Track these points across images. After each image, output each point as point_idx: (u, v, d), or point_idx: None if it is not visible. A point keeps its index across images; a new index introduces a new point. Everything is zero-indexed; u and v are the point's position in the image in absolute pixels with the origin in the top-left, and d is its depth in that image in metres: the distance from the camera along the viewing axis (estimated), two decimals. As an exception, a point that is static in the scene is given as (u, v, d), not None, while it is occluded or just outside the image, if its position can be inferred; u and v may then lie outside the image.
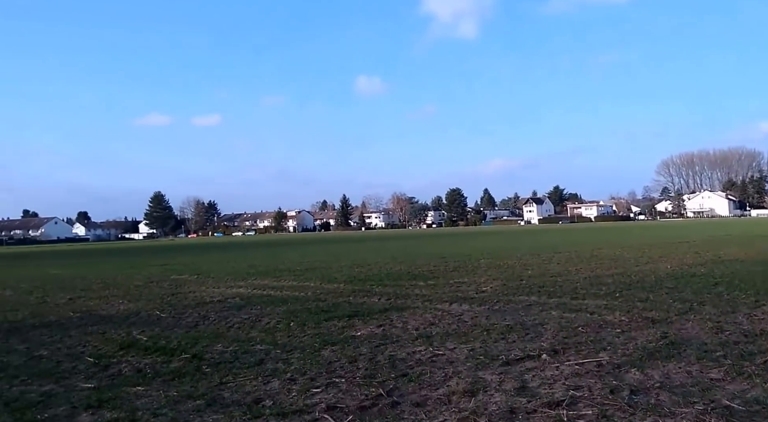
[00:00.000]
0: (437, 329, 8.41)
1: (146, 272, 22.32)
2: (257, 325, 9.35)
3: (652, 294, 10.99)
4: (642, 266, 17.06)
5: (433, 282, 14.43)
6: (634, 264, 17.63)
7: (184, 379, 6.20)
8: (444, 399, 5.18)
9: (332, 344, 7.64)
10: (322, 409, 5.03)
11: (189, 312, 11.07)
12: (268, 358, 7.01)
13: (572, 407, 4.88)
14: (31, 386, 6.21)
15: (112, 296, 14.47)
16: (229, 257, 33.33)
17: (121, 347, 8.01)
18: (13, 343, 8.74)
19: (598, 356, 6.49)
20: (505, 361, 6.40)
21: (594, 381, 5.59)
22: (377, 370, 6.24)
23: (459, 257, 23.69)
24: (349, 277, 16.78)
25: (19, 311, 12.35)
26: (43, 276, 22.90)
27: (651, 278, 13.59)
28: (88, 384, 6.15)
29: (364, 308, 10.61)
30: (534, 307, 10.04)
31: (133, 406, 5.32)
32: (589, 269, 16.47)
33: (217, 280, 17.58)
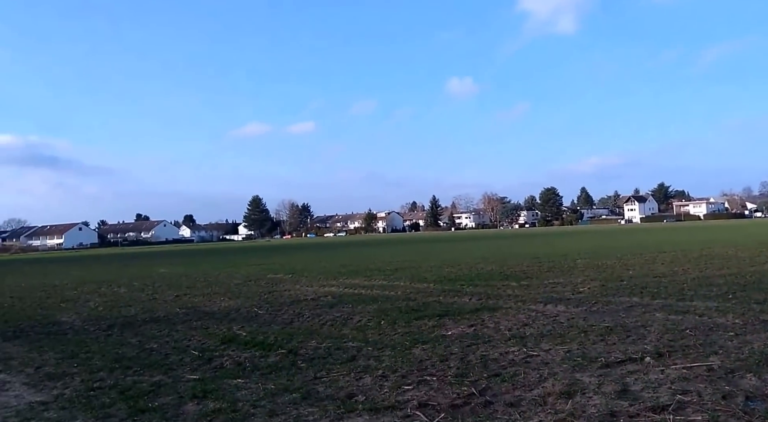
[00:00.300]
0: (531, 330, 8.21)
1: (245, 272, 23.38)
2: (349, 323, 9.54)
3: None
4: (759, 266, 15.81)
5: (527, 283, 14.11)
6: (750, 264, 16.37)
7: (281, 373, 6.45)
8: (539, 400, 5.05)
9: (423, 342, 7.66)
10: (414, 406, 5.05)
11: (284, 309, 11.48)
12: (360, 355, 7.14)
13: (679, 412, 4.60)
14: (143, 376, 6.69)
15: (214, 293, 15.29)
16: (322, 257, 34.22)
17: (222, 341, 8.45)
18: (127, 336, 9.45)
19: (708, 360, 6.08)
20: (605, 363, 6.14)
21: (704, 385, 5.24)
22: (469, 369, 6.19)
23: (554, 258, 23.00)
24: (439, 277, 16.75)
25: (132, 307, 13.34)
26: (153, 275, 24.57)
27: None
28: (194, 376, 6.54)
29: (454, 307, 10.56)
30: (636, 308, 9.56)
31: (234, 397, 5.60)
32: (698, 270, 15.47)
33: (311, 279, 18.12)
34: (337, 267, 23.43)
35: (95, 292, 17.72)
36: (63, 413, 5.43)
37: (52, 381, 6.70)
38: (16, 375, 7.15)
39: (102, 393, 6.04)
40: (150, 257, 50.29)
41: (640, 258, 20.63)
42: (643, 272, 15.58)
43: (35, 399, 5.98)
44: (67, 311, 13.28)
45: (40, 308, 14.25)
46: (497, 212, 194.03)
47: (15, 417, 5.40)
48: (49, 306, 14.48)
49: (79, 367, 7.31)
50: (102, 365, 7.36)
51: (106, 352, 8.18)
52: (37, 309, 13.96)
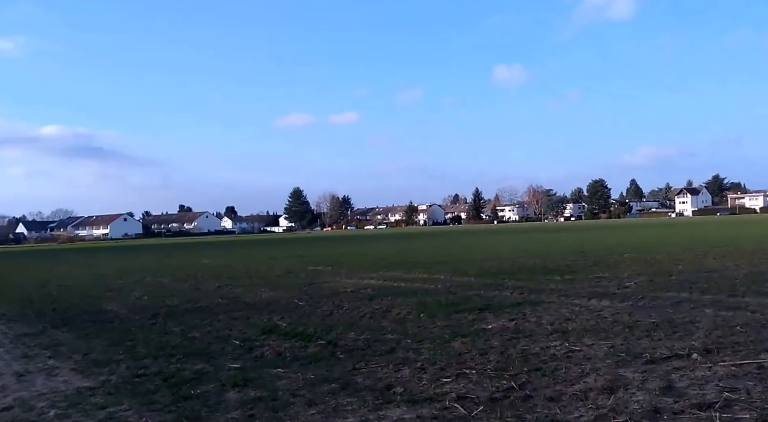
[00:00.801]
0: (574, 324, 8.13)
1: (285, 263, 23.77)
2: (388, 315, 9.63)
3: (830, 293, 9.83)
4: (819, 261, 15.22)
5: (570, 277, 13.93)
6: (809, 260, 15.76)
7: (320, 363, 6.58)
8: (580, 395, 5.02)
9: (462, 336, 7.67)
10: (453, 398, 5.09)
11: (324, 301, 11.65)
12: (398, 347, 7.21)
13: (726, 409, 4.51)
14: (186, 364, 6.91)
15: (255, 284, 15.62)
16: (362, 249, 34.47)
17: (263, 331, 8.66)
18: (170, 325, 9.76)
19: (758, 357, 5.92)
20: (650, 359, 6.05)
21: (753, 383, 5.12)
22: (509, 363, 6.18)
23: (600, 252, 22.61)
24: (480, 270, 16.69)
25: (175, 297, 13.75)
26: (195, 265, 25.22)
27: (829, 276, 12.11)
28: (235, 365, 6.72)
29: (495, 301, 10.52)
30: (684, 304, 9.35)
31: (274, 386, 5.75)
32: (752, 265, 14.97)
33: (350, 271, 18.29)
34: (377, 260, 23.58)
35: (140, 282, 18.33)
36: (109, 398, 5.66)
37: (98, 367, 6.99)
38: (64, 361, 7.48)
39: (147, 379, 6.28)
40: (192, 248, 51.55)
41: (690, 253, 20.09)
42: (693, 267, 15.18)
43: (83, 384, 6.26)
44: (113, 300, 13.79)
45: (87, 297, 14.84)
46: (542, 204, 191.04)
47: (64, 401, 5.65)
48: (95, 295, 15.06)
49: (125, 354, 7.61)
50: (146, 353, 7.64)
51: (151, 340, 8.48)
52: (85, 298, 14.54)
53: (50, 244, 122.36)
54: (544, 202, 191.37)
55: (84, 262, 34.46)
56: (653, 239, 31.55)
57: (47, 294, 16.01)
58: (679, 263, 16.21)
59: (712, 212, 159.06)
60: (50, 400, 5.72)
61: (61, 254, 53.82)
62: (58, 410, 5.39)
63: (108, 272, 24.00)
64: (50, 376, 6.72)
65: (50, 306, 13.20)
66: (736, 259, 16.84)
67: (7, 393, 6.10)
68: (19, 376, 6.78)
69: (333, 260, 24.76)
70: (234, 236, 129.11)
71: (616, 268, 15.66)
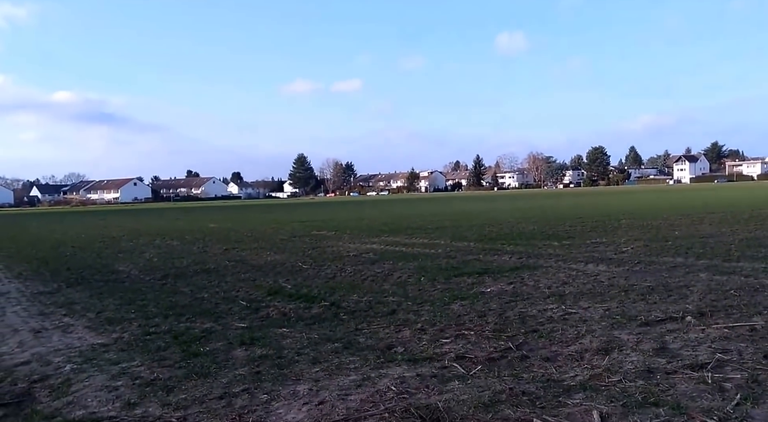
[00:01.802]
0: (571, 288, 8.17)
1: (290, 228, 23.84)
2: (389, 278, 9.68)
3: (823, 259, 9.83)
4: (812, 229, 15.19)
5: (568, 242, 13.94)
6: (803, 227, 15.72)
7: (324, 324, 6.64)
8: (576, 356, 5.06)
9: (462, 299, 7.72)
10: (452, 358, 5.15)
11: (328, 264, 11.71)
12: (399, 309, 7.27)
13: (718, 370, 4.56)
14: (195, 323, 7.00)
15: (261, 248, 15.69)
16: (364, 215, 34.49)
17: (269, 293, 8.73)
18: (180, 286, 9.85)
19: (751, 320, 5.96)
20: (644, 322, 6.08)
21: (745, 345, 5.16)
22: (507, 325, 6.23)
23: (597, 218, 22.58)
24: (479, 236, 16.71)
25: (184, 259, 13.84)
26: (203, 229, 25.32)
27: (822, 242, 12.09)
28: (242, 324, 6.80)
29: (494, 266, 10.56)
30: (679, 269, 9.37)
31: (279, 345, 5.82)
32: (747, 231, 14.95)
33: (353, 236, 18.35)
34: (379, 225, 23.61)
35: (150, 244, 18.44)
36: (122, 354, 5.76)
37: (111, 325, 7.08)
38: (78, 319, 7.58)
39: (157, 337, 6.37)
40: (200, 212, 51.66)
41: (686, 219, 20.05)
42: (689, 232, 15.17)
43: (96, 341, 6.35)
44: (125, 261, 13.90)
45: (99, 258, 14.96)
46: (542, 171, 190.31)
47: (79, 357, 5.75)
48: (107, 256, 15.18)
49: (136, 313, 7.70)
50: (157, 311, 7.73)
51: (161, 300, 8.57)
52: (97, 259, 14.66)
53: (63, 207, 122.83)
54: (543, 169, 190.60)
55: (96, 224, 34.60)
56: (650, 206, 31.47)
57: (61, 255, 16.15)
58: (675, 229, 16.19)
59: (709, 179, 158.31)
60: (66, 355, 5.82)
61: (74, 216, 54.04)
62: (74, 365, 5.49)
63: (119, 234, 24.12)
64: (65, 333, 6.82)
65: (64, 266, 13.32)
66: (731, 225, 16.80)
67: (25, 348, 6.22)
68: (36, 333, 6.89)
69: (336, 225, 24.81)
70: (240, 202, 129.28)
71: (614, 234, 15.66)
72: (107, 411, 4.29)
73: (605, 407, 3.92)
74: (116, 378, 5.02)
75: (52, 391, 4.79)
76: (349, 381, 4.68)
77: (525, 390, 4.30)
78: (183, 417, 4.09)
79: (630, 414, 3.81)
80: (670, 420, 3.69)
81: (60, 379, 5.09)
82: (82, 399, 4.57)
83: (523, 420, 3.75)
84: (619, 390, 4.21)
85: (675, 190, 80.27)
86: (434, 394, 4.31)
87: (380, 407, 4.08)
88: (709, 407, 3.86)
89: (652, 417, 3.73)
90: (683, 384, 4.31)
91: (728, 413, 3.75)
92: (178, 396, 4.50)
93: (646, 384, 4.31)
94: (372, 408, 4.07)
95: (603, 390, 4.25)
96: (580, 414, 3.85)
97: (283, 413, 4.10)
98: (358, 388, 4.51)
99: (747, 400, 3.93)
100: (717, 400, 3.97)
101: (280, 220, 31.50)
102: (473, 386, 4.44)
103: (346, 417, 3.94)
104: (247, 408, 4.20)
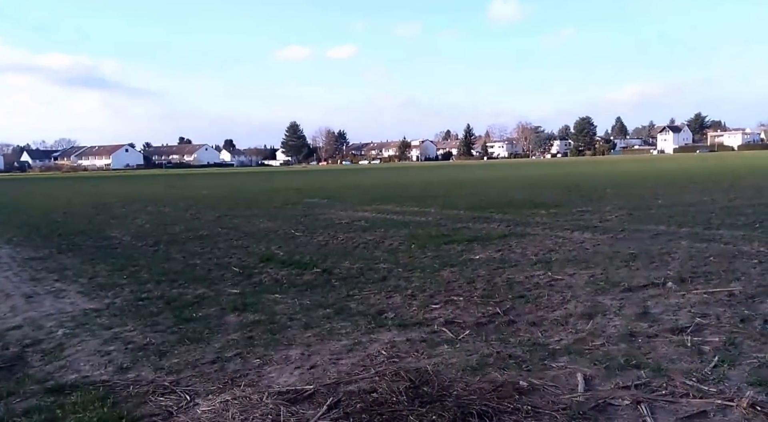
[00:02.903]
0: (557, 255, 8.22)
1: (283, 196, 23.73)
2: (381, 246, 9.68)
3: (800, 227, 9.95)
4: (791, 198, 15.34)
5: (555, 211, 13.99)
6: (782, 196, 15.87)
7: (316, 290, 6.64)
8: (561, 321, 5.11)
9: (451, 265, 7.75)
10: (441, 323, 5.18)
11: (320, 232, 11.69)
12: (390, 276, 7.28)
13: (697, 333, 4.63)
14: (187, 289, 6.97)
15: (254, 215, 15.61)
16: (356, 183, 34.38)
17: (261, 260, 8.70)
18: (172, 252, 9.79)
19: (729, 286, 6.05)
20: (627, 288, 6.15)
21: (723, 309, 5.25)
22: (494, 291, 6.26)
23: (583, 187, 22.66)
24: (469, 204, 16.72)
25: (176, 225, 13.75)
26: (195, 196, 25.14)
27: (801, 211, 12.23)
28: (234, 290, 6.78)
29: (483, 233, 10.58)
30: (662, 236, 9.45)
31: (272, 310, 5.82)
32: (727, 200, 15.09)
33: (345, 204, 18.30)
34: (371, 193, 23.56)
35: (142, 211, 18.26)
36: (114, 319, 5.73)
37: (103, 290, 7.04)
38: (70, 284, 7.52)
39: (150, 302, 6.33)
40: (192, 179, 51.26)
41: (669, 188, 20.17)
42: (671, 201, 15.27)
43: (89, 306, 6.31)
44: (117, 227, 13.77)
45: (91, 224, 14.81)
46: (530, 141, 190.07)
47: (71, 322, 5.71)
48: (99, 222, 15.03)
49: (129, 279, 7.65)
50: (149, 277, 7.68)
51: (153, 266, 8.52)
52: (89, 225, 14.51)
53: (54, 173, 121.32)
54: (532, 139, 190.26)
55: (87, 191, 34.25)
56: (635, 175, 31.61)
57: (53, 221, 15.95)
58: (658, 198, 16.29)
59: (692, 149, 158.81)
60: (58, 320, 5.79)
61: (65, 182, 53.43)
62: (66, 329, 5.46)
63: (111, 200, 23.88)
64: (57, 298, 6.77)
65: (56, 232, 13.19)
66: (712, 194, 16.94)
67: (17, 313, 6.17)
68: (27, 298, 6.84)
69: (328, 193, 24.72)
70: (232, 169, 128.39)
71: (599, 202, 15.72)
72: (100, 375, 4.27)
73: (589, 369, 3.98)
74: (109, 343, 5.00)
75: (45, 355, 4.76)
76: (341, 345, 4.70)
77: (512, 353, 4.34)
78: (176, 381, 4.08)
79: (612, 376, 3.87)
80: (651, 381, 3.75)
81: (52, 344, 5.06)
82: (75, 364, 4.55)
83: (509, 382, 3.78)
84: (602, 354, 4.27)
85: (658, 160, 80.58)
86: (424, 358, 4.34)
87: (371, 371, 4.11)
88: (689, 369, 3.93)
89: (634, 379, 3.78)
90: (664, 347, 4.38)
91: (706, 374, 3.82)
92: (170, 361, 4.50)
93: (628, 348, 4.37)
94: (363, 372, 4.10)
95: (587, 353, 4.30)
96: (565, 376, 3.90)
97: (275, 377, 4.11)
98: (349, 353, 4.53)
99: (724, 362, 4.01)
100: (696, 362, 4.05)
101: (273, 188, 31.35)
102: (461, 350, 4.47)
103: (337, 380, 3.96)
104: (239, 372, 4.20)
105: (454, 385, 3.77)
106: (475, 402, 3.49)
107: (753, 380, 3.71)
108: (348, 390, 3.77)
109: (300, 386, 3.88)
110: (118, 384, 4.07)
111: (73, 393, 3.90)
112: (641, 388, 3.66)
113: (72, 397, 3.83)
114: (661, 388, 3.65)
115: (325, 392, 3.76)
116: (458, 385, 3.77)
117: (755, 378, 3.74)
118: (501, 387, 3.71)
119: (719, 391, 3.57)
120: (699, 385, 3.66)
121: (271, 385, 3.94)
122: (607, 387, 3.71)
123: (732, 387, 3.62)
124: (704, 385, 3.66)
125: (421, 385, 3.76)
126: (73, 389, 3.99)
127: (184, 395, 3.84)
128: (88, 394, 3.85)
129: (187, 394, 3.85)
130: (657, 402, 3.47)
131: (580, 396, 3.59)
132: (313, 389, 3.82)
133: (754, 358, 4.07)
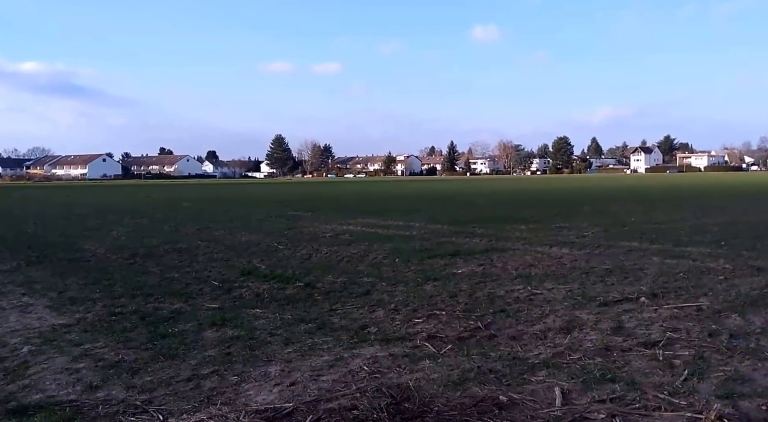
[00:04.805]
0: (536, 270, 8.26)
1: (266, 208, 23.55)
2: (365, 260, 9.63)
3: (760, 243, 10.28)
4: (751, 215, 15.81)
5: (534, 226, 14.10)
6: (743, 214, 16.32)
7: (298, 304, 6.54)
8: (540, 335, 5.13)
9: (434, 279, 7.74)
10: (423, 337, 5.15)
11: (303, 245, 11.57)
12: (374, 290, 7.23)
13: (668, 347, 4.70)
14: (164, 303, 6.72)
15: (235, 228, 15.39)
16: (341, 196, 34.32)
17: (242, 273, 8.55)
18: (149, 266, 9.53)
19: (698, 301, 6.17)
20: (603, 302, 6.20)
21: (692, 324, 5.35)
22: (476, 305, 6.27)
23: (562, 204, 22.92)
24: (452, 219, 16.77)
25: (154, 237, 13.41)
26: (175, 208, 24.79)
27: (761, 228, 12.65)
28: (213, 305, 6.61)
29: (465, 248, 10.61)
30: (635, 252, 9.58)
31: (252, 326, 5.69)
32: (695, 218, 15.47)
33: (329, 217, 18.21)
34: (356, 207, 23.52)
35: (118, 222, 17.69)
36: (85, 335, 5.44)
37: (74, 305, 6.70)
38: (39, 298, 7.15)
39: (123, 318, 6.06)
40: (173, 191, 50.66)
41: (641, 206, 20.51)
42: (643, 219, 15.55)
43: (58, 321, 5.98)
44: (91, 239, 13.26)
45: (63, 236, 14.34)
46: (511, 158, 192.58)
47: (38, 338, 5.40)
48: (72, 234, 14.56)
49: (101, 293, 7.32)
50: (123, 292, 7.38)
51: (128, 280, 8.23)
52: (61, 237, 14.06)
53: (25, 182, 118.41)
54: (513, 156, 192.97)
55: (60, 201, 33.58)
56: (609, 193, 32.08)
57: (22, 232, 15.39)
58: (631, 216, 16.55)
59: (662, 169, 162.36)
60: (24, 337, 5.47)
61: (38, 192, 52.33)
62: (32, 346, 5.16)
63: (86, 212, 23.38)
64: (24, 313, 6.41)
65: (25, 244, 12.67)
66: (681, 212, 17.30)
67: (-21, 329, 5.80)
68: (-8, 313, 6.44)
69: (313, 206, 24.62)
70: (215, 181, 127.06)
71: (576, 219, 15.89)
72: (66, 395, 4.04)
73: (566, 383, 3.99)
74: (78, 360, 4.74)
75: (7, 374, 4.47)
76: (322, 361, 4.62)
77: (492, 368, 4.33)
78: (148, 400, 3.91)
79: (589, 390, 3.88)
80: (626, 395, 3.78)
81: (16, 362, 4.76)
82: (40, 382, 4.30)
83: (489, 397, 3.77)
84: (580, 367, 4.29)
85: (631, 178, 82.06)
86: (405, 373, 4.30)
87: (352, 387, 4.06)
88: (660, 382, 3.98)
89: (609, 393, 3.81)
90: (637, 360, 4.43)
91: (677, 388, 3.88)
92: (143, 379, 4.30)
93: (604, 361, 4.40)
94: (344, 388, 4.04)
95: (564, 367, 4.31)
96: (543, 390, 3.90)
97: (253, 394, 4.00)
98: (330, 368, 4.46)
99: (693, 375, 4.08)
100: (667, 375, 4.11)
101: (257, 199, 31.12)
102: (443, 365, 4.45)
103: (318, 398, 3.90)
104: (216, 390, 4.06)
105: (435, 401, 3.75)
106: (456, 418, 3.47)
107: (720, 393, 3.78)
108: (328, 408, 3.70)
109: (279, 404, 3.79)
110: (86, 404, 3.86)
111: (37, 414, 3.69)
112: (616, 402, 3.69)
113: (36, 418, 3.64)
114: (635, 402, 3.68)
115: (305, 410, 3.69)
116: (439, 401, 3.75)
117: (722, 390, 3.81)
118: (481, 403, 3.70)
119: (689, 404, 3.62)
120: (670, 398, 3.70)
121: (249, 403, 3.83)
122: (584, 400, 3.72)
123: (701, 400, 3.67)
124: (675, 398, 3.70)
125: (402, 401, 3.73)
126: (37, 410, 3.77)
127: (157, 415, 3.67)
128: (54, 415, 3.67)
129: (160, 414, 3.69)
130: (631, 415, 3.50)
131: (557, 410, 3.59)
132: (293, 407, 3.74)
133: (721, 371, 4.15)
